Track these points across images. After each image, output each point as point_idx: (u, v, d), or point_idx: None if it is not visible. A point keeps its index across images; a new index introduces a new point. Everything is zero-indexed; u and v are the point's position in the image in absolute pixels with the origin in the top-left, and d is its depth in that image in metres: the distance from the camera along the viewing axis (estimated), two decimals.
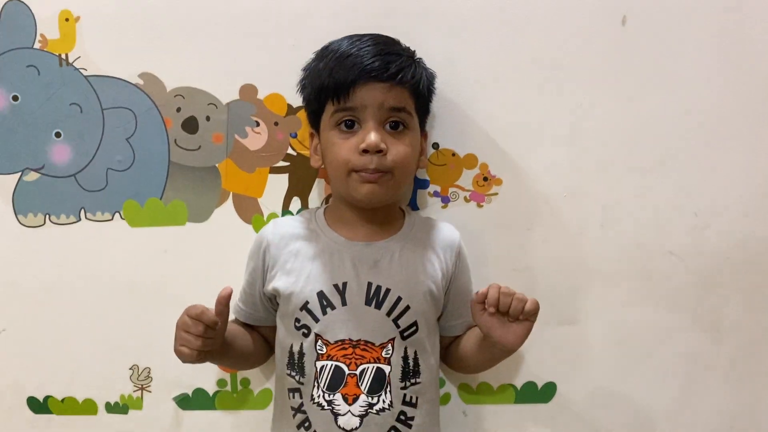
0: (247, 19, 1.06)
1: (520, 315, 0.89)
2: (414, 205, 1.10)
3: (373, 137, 0.90)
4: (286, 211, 1.10)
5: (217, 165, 1.09)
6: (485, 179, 1.09)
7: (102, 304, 1.11)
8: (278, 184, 1.10)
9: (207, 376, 1.12)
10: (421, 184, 1.10)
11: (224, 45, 1.06)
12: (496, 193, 1.09)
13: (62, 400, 1.14)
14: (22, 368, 1.13)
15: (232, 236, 1.09)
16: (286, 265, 0.97)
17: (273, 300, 1.00)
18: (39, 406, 1.14)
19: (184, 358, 0.89)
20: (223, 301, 0.87)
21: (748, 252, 1.11)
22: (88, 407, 1.14)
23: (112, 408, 1.14)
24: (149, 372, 1.13)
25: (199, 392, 1.13)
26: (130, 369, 1.13)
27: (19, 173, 1.09)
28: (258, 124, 1.08)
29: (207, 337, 0.87)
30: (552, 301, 1.10)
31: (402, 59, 0.93)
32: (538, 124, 1.08)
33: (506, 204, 1.09)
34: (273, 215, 1.10)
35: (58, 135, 1.08)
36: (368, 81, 0.90)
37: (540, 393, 1.13)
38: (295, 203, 1.10)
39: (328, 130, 0.95)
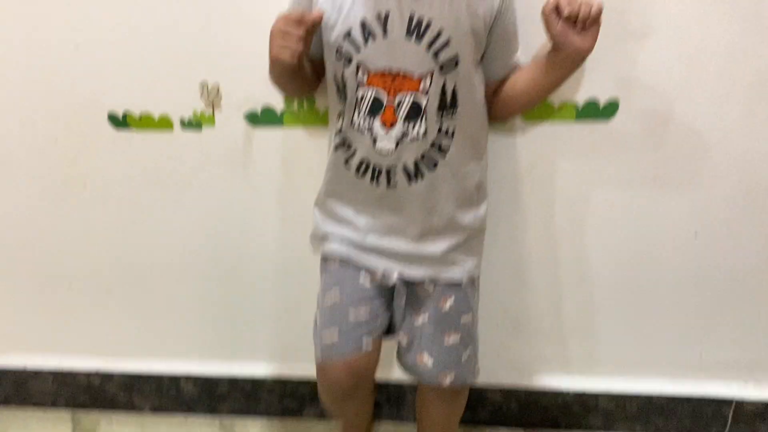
0: None
1: (587, 19, 0.92)
2: None
3: None
4: None
5: None
6: None
7: (165, 18, 1.13)
8: None
9: (275, 93, 1.14)
10: None
11: None
12: None
13: (139, 117, 1.20)
14: (100, 84, 1.19)
15: None
16: None
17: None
18: (118, 121, 1.21)
19: (282, 64, 0.93)
20: (318, 20, 0.90)
21: None
22: (164, 123, 1.20)
23: (186, 124, 1.20)
24: (218, 89, 1.17)
25: (268, 109, 1.18)
26: (200, 86, 1.17)
27: None
28: None
29: (305, 41, 0.91)
30: (622, 13, 1.06)
31: None
32: None
33: None
34: None
35: None
36: None
37: (602, 111, 1.13)
38: None
39: None
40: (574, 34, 0.94)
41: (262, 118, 1.19)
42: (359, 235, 1.03)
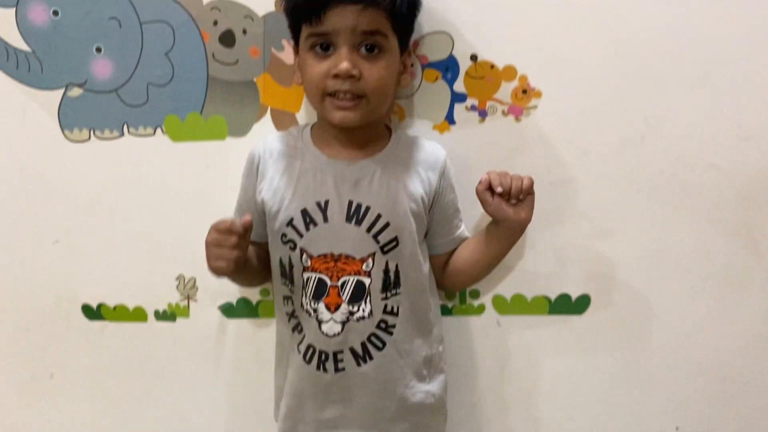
0: None
1: (520, 193, 0.96)
2: (451, 120, 1.09)
3: (344, 65, 0.90)
4: None
5: (255, 79, 1.09)
6: (524, 92, 1.08)
7: (147, 216, 1.16)
8: None
9: None
10: (459, 97, 1.09)
11: None
12: (535, 106, 1.08)
13: (114, 308, 1.20)
14: (76, 277, 1.19)
15: None
16: (273, 181, 1.00)
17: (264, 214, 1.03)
18: (93, 313, 1.20)
19: (221, 272, 0.94)
20: (247, 225, 0.91)
21: None
22: (138, 315, 1.20)
23: (160, 316, 1.19)
24: (195, 282, 1.18)
25: (243, 301, 1.18)
26: (177, 279, 1.18)
27: (63, 89, 1.11)
28: None
29: (239, 247, 0.92)
30: (589, 215, 1.11)
31: None
32: (579, 35, 1.05)
33: (545, 117, 1.08)
34: None
35: (98, 50, 1.10)
36: (340, 3, 0.88)
37: (574, 305, 1.14)
38: None
39: (304, 51, 0.95)
40: (510, 208, 0.98)
41: (237, 309, 1.19)
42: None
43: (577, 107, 1.08)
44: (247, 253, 0.98)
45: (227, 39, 1.08)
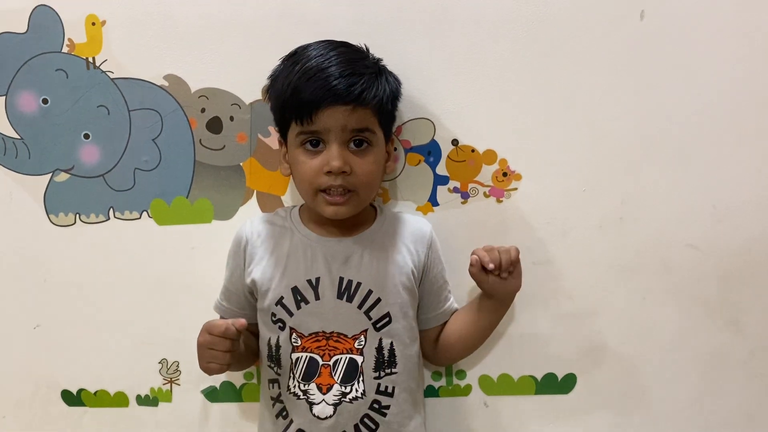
0: (267, 20, 1.07)
1: (510, 266, 0.97)
2: (434, 201, 1.11)
3: (336, 164, 0.92)
4: None
5: (241, 164, 1.11)
6: (504, 174, 1.10)
7: (131, 300, 1.15)
8: None
9: None
10: (441, 180, 1.11)
11: (246, 46, 1.08)
12: (515, 188, 1.10)
13: (95, 393, 1.18)
14: (57, 363, 1.17)
15: None
16: (262, 262, 1.00)
17: (253, 295, 1.03)
18: (73, 399, 1.18)
19: (213, 373, 0.94)
20: (241, 329, 0.90)
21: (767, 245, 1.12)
22: (119, 400, 1.17)
23: (142, 400, 1.17)
24: (178, 366, 1.16)
25: (227, 385, 1.16)
26: (160, 363, 1.16)
27: (50, 174, 1.12)
28: None
29: (233, 350, 0.92)
30: (572, 294, 1.12)
31: (364, 79, 0.92)
32: (557, 118, 1.09)
33: (526, 199, 1.11)
34: None
35: (86, 136, 1.11)
36: (331, 104, 0.91)
37: (560, 384, 1.14)
38: None
39: (294, 147, 0.97)
40: (502, 281, 0.99)
41: (221, 393, 1.17)
42: None
43: (556, 189, 1.10)
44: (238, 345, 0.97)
45: (214, 125, 1.10)
